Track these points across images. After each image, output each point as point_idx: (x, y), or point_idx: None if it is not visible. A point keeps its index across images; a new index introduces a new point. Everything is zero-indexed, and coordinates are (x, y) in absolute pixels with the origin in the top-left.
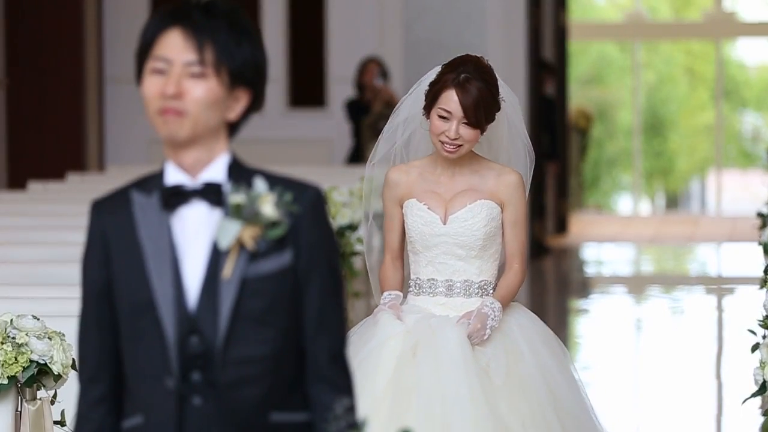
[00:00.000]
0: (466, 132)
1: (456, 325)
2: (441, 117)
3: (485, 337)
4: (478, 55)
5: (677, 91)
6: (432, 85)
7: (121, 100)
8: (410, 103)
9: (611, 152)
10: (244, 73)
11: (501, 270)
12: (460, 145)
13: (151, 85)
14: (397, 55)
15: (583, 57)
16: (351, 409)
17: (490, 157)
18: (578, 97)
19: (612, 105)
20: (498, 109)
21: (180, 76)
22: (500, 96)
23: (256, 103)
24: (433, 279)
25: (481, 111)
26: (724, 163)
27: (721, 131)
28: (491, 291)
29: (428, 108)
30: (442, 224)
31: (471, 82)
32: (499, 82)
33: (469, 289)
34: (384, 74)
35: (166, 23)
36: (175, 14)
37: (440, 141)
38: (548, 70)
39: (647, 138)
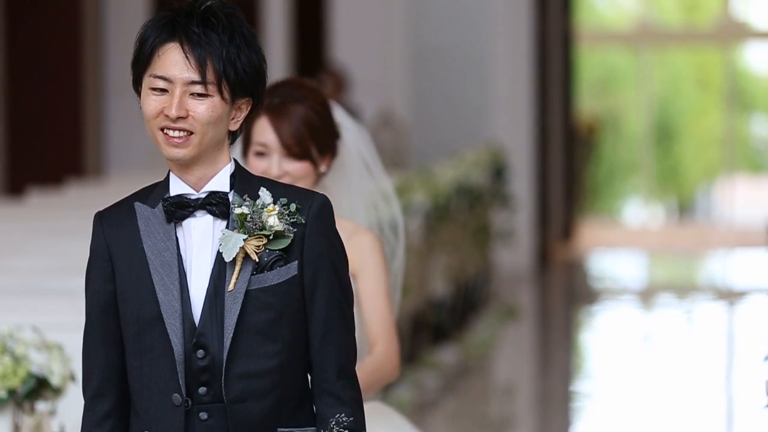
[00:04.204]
0: (293, 167)
1: None
2: (258, 154)
3: None
4: (302, 78)
5: (686, 98)
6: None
7: (124, 107)
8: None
9: (620, 160)
10: (245, 82)
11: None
12: None
13: (152, 103)
14: (403, 60)
15: (592, 64)
16: (348, 423)
17: (345, 203)
18: (587, 105)
19: (621, 113)
20: (335, 136)
21: (182, 96)
22: (338, 124)
23: (256, 108)
24: None
25: (305, 137)
26: (735, 170)
27: (732, 138)
28: None
29: (245, 149)
30: None
31: (287, 105)
32: (337, 110)
33: None
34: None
35: (164, 37)
36: (174, 27)
37: None
38: (554, 76)
39: (656, 145)
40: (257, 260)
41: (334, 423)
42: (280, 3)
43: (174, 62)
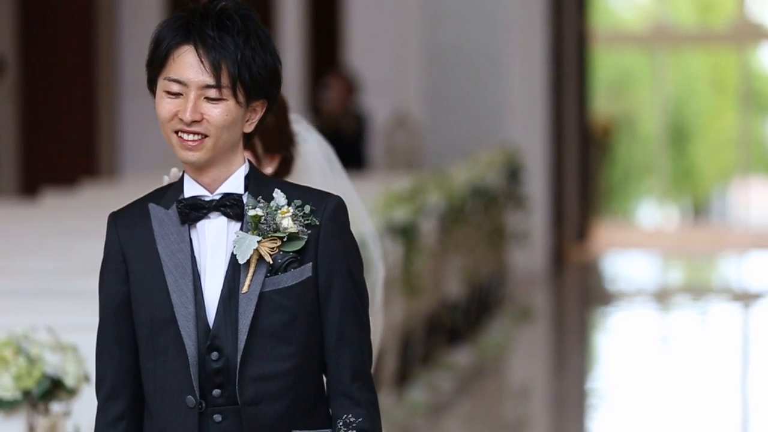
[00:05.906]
0: None
1: None
2: None
3: None
4: None
5: (701, 99)
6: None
7: (139, 108)
8: None
9: (635, 161)
10: (260, 85)
11: None
12: None
13: (167, 106)
14: (417, 61)
15: (607, 65)
16: (357, 423)
17: None
18: (601, 106)
19: (635, 114)
20: (287, 140)
21: (197, 99)
22: (297, 132)
23: (271, 109)
24: None
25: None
26: (750, 171)
27: (747, 140)
28: None
29: None
30: None
31: None
32: (299, 122)
33: None
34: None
35: (179, 40)
36: (188, 30)
37: None
38: (569, 77)
39: (671, 147)
40: (271, 262)
41: (341, 424)
42: (294, 3)
43: (189, 66)
